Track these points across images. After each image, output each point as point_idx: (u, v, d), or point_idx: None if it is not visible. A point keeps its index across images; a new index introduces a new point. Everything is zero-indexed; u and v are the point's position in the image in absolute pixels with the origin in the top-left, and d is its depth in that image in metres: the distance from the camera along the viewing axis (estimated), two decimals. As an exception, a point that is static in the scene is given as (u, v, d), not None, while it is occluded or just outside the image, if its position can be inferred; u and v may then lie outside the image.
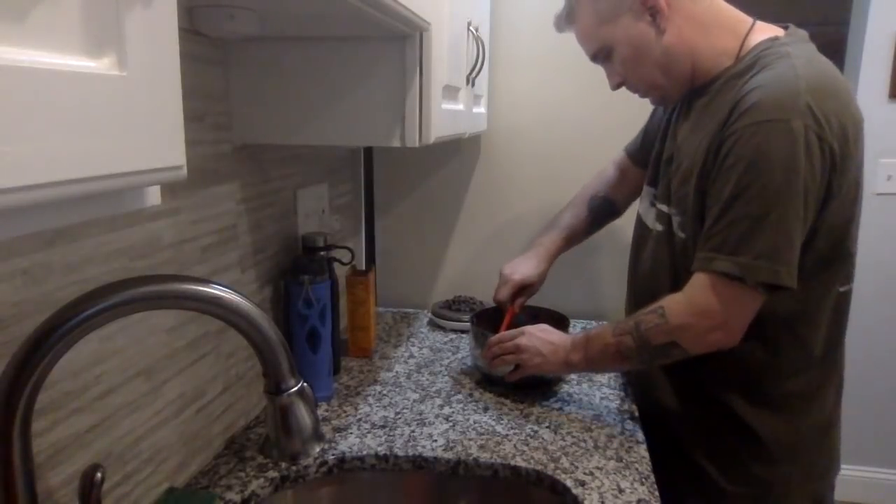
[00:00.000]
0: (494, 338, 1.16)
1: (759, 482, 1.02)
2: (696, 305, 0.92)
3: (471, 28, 1.18)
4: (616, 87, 1.06)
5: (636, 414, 1.14)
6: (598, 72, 1.55)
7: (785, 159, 0.85)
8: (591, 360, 1.04)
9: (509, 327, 1.22)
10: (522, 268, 1.28)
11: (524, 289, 1.28)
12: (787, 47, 0.92)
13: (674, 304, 0.95)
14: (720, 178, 0.90)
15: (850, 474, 2.36)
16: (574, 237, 1.33)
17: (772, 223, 0.86)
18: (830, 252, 0.94)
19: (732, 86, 0.93)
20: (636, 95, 1.08)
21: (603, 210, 1.33)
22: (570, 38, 1.53)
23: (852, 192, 0.93)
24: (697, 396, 1.06)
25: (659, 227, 1.07)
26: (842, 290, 1.00)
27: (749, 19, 0.99)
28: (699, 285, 0.92)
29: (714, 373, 1.02)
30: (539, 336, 1.11)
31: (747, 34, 0.97)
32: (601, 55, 1.03)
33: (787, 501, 1.04)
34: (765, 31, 0.97)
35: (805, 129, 0.84)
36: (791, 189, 0.85)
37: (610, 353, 1.00)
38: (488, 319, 1.30)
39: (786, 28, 0.98)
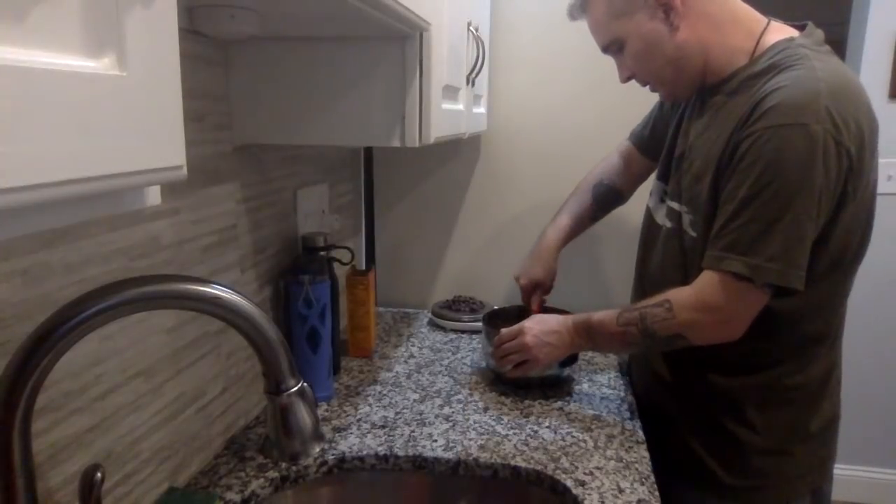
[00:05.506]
0: (496, 339, 1.17)
1: (759, 474, 1.04)
2: (704, 302, 0.94)
3: (471, 28, 1.18)
4: (626, 79, 1.07)
5: (634, 406, 1.14)
6: (599, 72, 1.55)
7: (802, 163, 0.85)
8: (596, 344, 1.10)
9: None
10: (527, 269, 1.32)
11: (536, 287, 1.32)
12: (805, 48, 0.92)
13: (681, 300, 0.96)
14: (735, 177, 0.91)
15: (849, 474, 2.36)
16: (579, 226, 1.35)
17: (784, 226, 0.87)
18: (844, 254, 0.95)
19: (750, 86, 0.94)
20: (637, 96, 1.08)
21: (608, 198, 1.35)
22: (570, 39, 1.54)
23: (868, 195, 0.94)
24: (698, 389, 1.07)
25: (669, 224, 1.08)
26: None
27: (764, 19, 0.99)
28: (708, 283, 0.94)
29: (717, 366, 1.04)
30: (539, 329, 1.12)
31: (762, 34, 0.97)
32: (613, 48, 1.04)
33: (786, 493, 1.05)
34: (780, 32, 0.97)
35: (824, 134, 0.85)
36: (806, 193, 0.86)
37: (615, 341, 1.05)
38: (500, 319, 1.30)
39: (802, 28, 0.98)
